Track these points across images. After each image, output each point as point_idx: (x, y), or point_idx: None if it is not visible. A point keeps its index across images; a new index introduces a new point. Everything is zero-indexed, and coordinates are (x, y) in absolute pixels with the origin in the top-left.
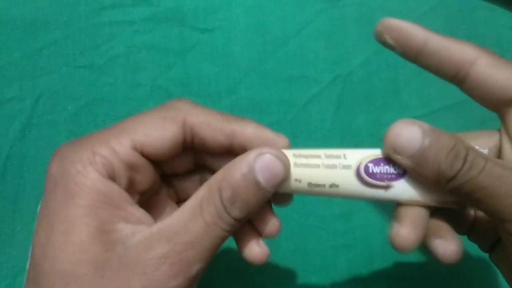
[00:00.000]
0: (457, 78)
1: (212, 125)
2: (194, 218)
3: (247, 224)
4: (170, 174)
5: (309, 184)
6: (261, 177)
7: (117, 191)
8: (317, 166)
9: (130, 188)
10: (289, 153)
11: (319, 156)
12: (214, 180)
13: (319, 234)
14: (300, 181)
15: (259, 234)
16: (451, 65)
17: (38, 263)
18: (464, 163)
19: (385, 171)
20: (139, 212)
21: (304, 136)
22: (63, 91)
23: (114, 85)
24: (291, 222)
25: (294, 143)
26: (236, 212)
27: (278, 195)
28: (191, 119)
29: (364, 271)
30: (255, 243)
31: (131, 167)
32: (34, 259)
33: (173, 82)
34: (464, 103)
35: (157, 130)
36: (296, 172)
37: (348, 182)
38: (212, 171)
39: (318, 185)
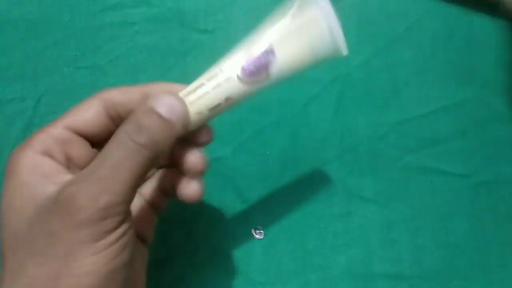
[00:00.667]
0: None
1: (125, 92)
2: (102, 158)
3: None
4: None
5: (209, 109)
6: (161, 110)
7: (49, 163)
8: (207, 93)
9: (69, 162)
10: (181, 96)
11: (203, 84)
12: (120, 126)
13: (319, 234)
14: (200, 112)
15: (189, 175)
16: None
17: (0, 234)
18: None
19: (259, 64)
20: (69, 176)
21: (304, 136)
22: (65, 91)
23: (115, 85)
24: (291, 222)
25: (294, 143)
26: (142, 139)
27: (195, 134)
28: (107, 94)
29: (364, 271)
30: (188, 181)
31: (65, 144)
32: None
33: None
34: (463, 103)
35: (82, 110)
36: (194, 108)
37: (236, 91)
38: None
39: (216, 106)
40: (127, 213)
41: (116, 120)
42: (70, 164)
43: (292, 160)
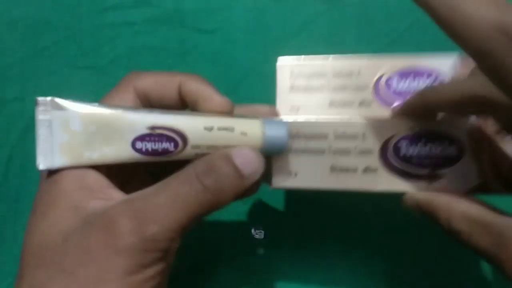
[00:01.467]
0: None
1: (158, 82)
2: (162, 186)
3: None
4: None
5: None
6: (237, 160)
7: (94, 176)
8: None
9: (110, 172)
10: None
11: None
12: (190, 166)
13: (319, 234)
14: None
15: None
16: None
17: (23, 242)
18: None
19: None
20: (116, 193)
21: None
22: (65, 91)
23: (115, 86)
24: (291, 222)
25: None
26: (209, 181)
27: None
28: (139, 83)
29: (364, 271)
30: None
31: None
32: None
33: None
34: None
35: (116, 99)
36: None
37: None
38: None
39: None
40: (169, 251)
41: (147, 105)
42: (111, 175)
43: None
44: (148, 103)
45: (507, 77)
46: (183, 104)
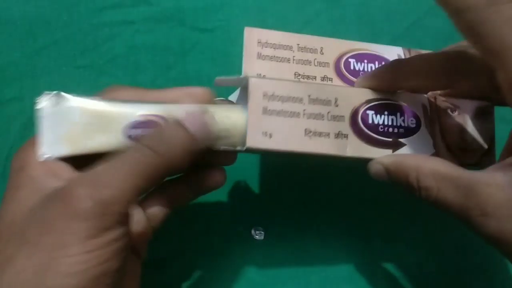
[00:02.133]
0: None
1: (137, 97)
2: (112, 157)
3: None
4: None
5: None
6: (186, 122)
7: (60, 164)
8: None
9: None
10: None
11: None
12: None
13: (319, 234)
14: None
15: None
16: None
17: None
18: None
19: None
20: (76, 174)
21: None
22: (63, 91)
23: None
24: (291, 222)
25: None
26: (159, 147)
27: (220, 155)
28: (117, 96)
29: (364, 271)
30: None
31: None
32: None
33: (173, 82)
34: None
35: None
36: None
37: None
38: None
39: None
40: (126, 215)
41: None
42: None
43: (292, 159)
44: None
45: (483, 33)
46: None
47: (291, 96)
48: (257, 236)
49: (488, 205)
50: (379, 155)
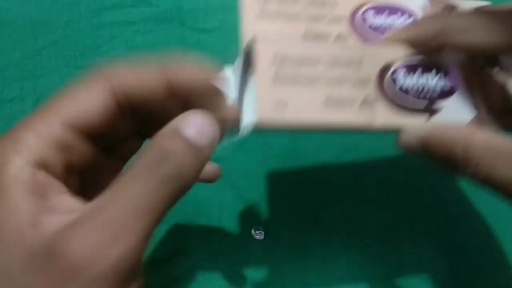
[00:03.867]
0: None
1: (140, 74)
2: (111, 195)
3: None
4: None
5: None
6: (187, 132)
7: (46, 180)
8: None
9: (68, 172)
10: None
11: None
12: (139, 158)
13: (319, 234)
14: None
15: None
16: None
17: None
18: None
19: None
20: (69, 201)
21: (304, 136)
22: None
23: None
24: (291, 222)
25: (295, 143)
26: (163, 172)
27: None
28: (116, 76)
29: (364, 271)
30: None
31: (65, 148)
32: None
33: None
34: None
35: (83, 98)
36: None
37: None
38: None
39: None
40: (139, 265)
41: (125, 107)
42: (69, 174)
43: (293, 159)
44: (127, 104)
45: None
46: (173, 98)
47: (307, 58)
48: (257, 236)
49: None
50: (412, 123)
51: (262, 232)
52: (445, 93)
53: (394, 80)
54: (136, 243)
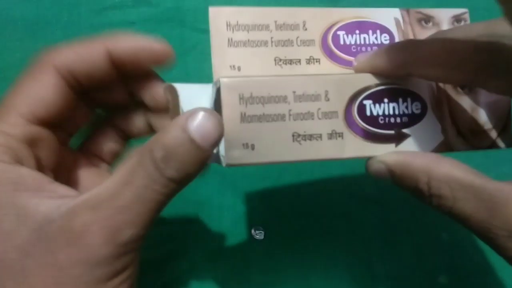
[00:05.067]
0: None
1: (83, 54)
2: (124, 184)
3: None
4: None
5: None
6: (194, 134)
7: (28, 174)
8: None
9: (40, 167)
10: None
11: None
12: (145, 145)
13: (319, 234)
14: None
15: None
16: None
17: None
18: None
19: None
20: (61, 188)
21: None
22: None
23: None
24: (291, 222)
25: None
26: (172, 172)
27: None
28: (60, 59)
29: (365, 271)
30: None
31: (33, 144)
32: None
33: (174, 82)
34: None
35: (35, 87)
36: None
37: None
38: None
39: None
40: (140, 248)
41: (75, 87)
42: (43, 171)
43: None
44: (76, 82)
45: None
46: (118, 71)
47: (273, 95)
48: (257, 236)
49: None
50: (381, 152)
51: (262, 232)
52: (413, 119)
53: (361, 110)
54: (142, 227)
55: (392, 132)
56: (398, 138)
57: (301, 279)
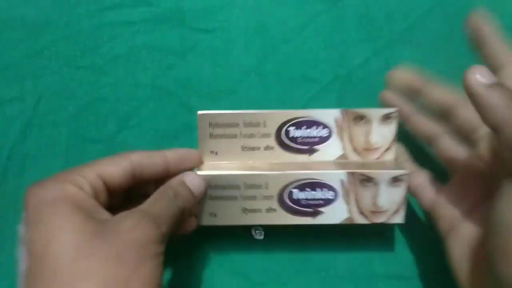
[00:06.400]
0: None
1: (150, 156)
2: (153, 204)
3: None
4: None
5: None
6: (190, 185)
7: (92, 201)
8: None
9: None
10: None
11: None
12: (163, 187)
13: (319, 234)
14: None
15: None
16: None
17: (38, 257)
18: None
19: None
20: (107, 214)
21: None
22: (64, 91)
23: (114, 85)
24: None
25: None
26: (180, 204)
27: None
28: (136, 157)
29: (365, 271)
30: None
31: (95, 190)
32: (35, 256)
33: (174, 82)
34: None
35: (112, 164)
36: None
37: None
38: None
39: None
40: (165, 246)
41: (138, 178)
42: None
43: None
44: (139, 172)
45: None
46: (168, 175)
47: (229, 184)
48: (257, 236)
49: None
50: (303, 222)
51: (262, 232)
52: (327, 202)
53: (289, 195)
54: (170, 226)
55: (311, 210)
56: (314, 214)
57: (301, 278)
